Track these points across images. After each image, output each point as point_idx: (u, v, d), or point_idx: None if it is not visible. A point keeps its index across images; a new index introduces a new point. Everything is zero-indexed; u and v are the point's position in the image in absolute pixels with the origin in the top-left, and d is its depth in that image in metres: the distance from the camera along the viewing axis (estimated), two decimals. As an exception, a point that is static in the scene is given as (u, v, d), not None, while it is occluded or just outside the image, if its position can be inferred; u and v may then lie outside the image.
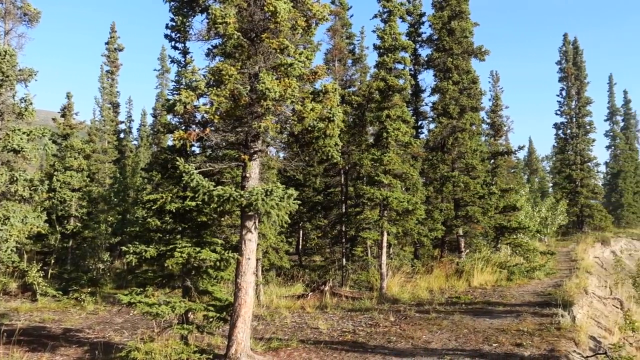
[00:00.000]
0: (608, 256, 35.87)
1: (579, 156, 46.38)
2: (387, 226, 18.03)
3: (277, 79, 9.59)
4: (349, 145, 22.60)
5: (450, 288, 18.96)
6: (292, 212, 10.23)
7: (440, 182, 22.79)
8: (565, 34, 48.17)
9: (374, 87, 19.10)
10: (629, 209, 58.15)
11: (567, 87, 47.23)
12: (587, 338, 11.75)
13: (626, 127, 66.02)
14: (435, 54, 24.25)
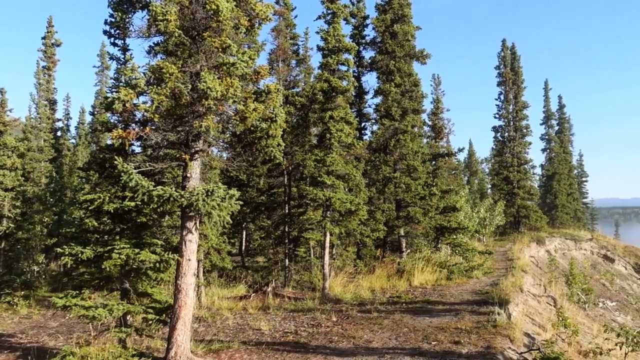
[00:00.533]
0: (543, 255, 37.12)
1: (516, 158, 47.76)
2: (330, 227, 18.12)
3: (219, 78, 9.49)
4: (292, 145, 22.61)
5: (392, 288, 19.20)
6: (234, 212, 10.15)
7: (382, 183, 23.06)
8: (504, 39, 49.56)
9: (317, 88, 19.15)
10: (563, 209, 60.28)
11: (505, 92, 48.61)
12: (521, 335, 12.11)
13: (560, 131, 68.41)
14: (378, 57, 24.53)
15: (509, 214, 45.26)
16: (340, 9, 19.41)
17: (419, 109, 24.70)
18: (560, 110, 69.37)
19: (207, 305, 16.99)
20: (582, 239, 47.83)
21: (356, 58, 26.17)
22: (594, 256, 45.82)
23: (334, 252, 22.51)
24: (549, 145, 63.54)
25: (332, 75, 18.89)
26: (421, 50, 24.66)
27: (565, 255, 41.41)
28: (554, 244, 42.22)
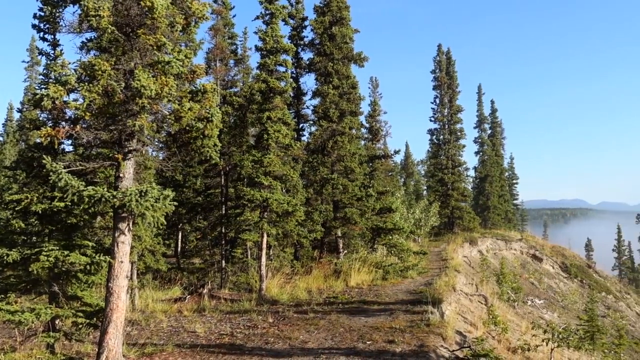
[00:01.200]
0: (475, 255, 38.13)
1: (451, 161, 48.90)
2: (267, 228, 18.06)
3: (153, 77, 9.32)
4: (229, 146, 22.43)
5: (329, 288, 19.32)
6: (169, 213, 9.99)
7: (320, 184, 23.16)
8: (439, 44, 50.73)
9: (255, 88, 19.06)
10: (495, 211, 62.12)
11: (441, 95, 49.73)
12: (454, 333, 12.41)
13: (493, 135, 70.47)
14: (317, 58, 24.63)
15: (443, 215, 46.31)
16: (279, 10, 19.39)
17: (356, 111, 24.92)
18: (493, 115, 71.45)
19: (141, 308, 16.64)
20: (513, 239, 49.44)
21: (294, 59, 26.21)
22: (524, 256, 47.43)
23: (271, 253, 22.45)
24: (481, 148, 65.35)
25: (270, 76, 18.85)
26: (359, 53, 24.91)
27: (496, 255, 42.67)
28: (486, 244, 43.45)
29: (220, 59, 25.28)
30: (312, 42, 26.28)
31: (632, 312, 46.01)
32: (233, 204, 23.63)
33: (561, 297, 40.36)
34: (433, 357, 10.21)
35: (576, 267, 49.77)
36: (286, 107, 19.97)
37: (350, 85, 24.48)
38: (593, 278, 49.78)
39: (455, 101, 49.76)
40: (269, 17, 19.38)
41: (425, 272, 22.69)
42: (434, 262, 26.89)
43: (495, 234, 49.34)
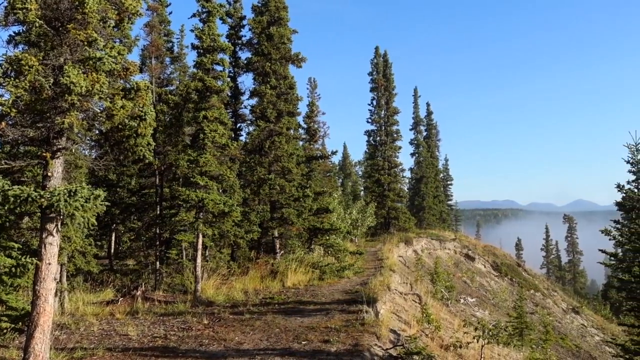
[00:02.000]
0: (411, 255, 38.82)
1: (387, 162, 49.66)
2: (202, 228, 17.84)
3: (84, 73, 9.05)
4: (165, 145, 22.06)
5: (265, 289, 19.26)
6: (100, 214, 9.72)
7: (257, 184, 23.08)
8: (377, 47, 51.39)
9: (191, 87, 18.80)
10: (430, 211, 63.45)
11: (378, 97, 50.42)
12: (388, 332, 12.60)
13: (428, 137, 71.99)
14: (255, 58, 24.52)
15: (380, 216, 46.94)
16: (216, 8, 19.19)
17: (294, 111, 24.95)
18: (428, 117, 72.99)
19: (71, 312, 16.12)
20: (447, 239, 50.59)
21: (232, 58, 26.03)
22: (457, 255, 48.61)
23: (208, 254, 22.21)
24: (417, 149, 66.59)
25: (207, 75, 18.63)
26: (297, 54, 24.95)
27: (431, 254, 43.55)
28: (421, 244, 44.30)
29: (156, 57, 24.84)
30: (250, 41, 26.17)
31: (558, 308, 47.87)
32: (168, 204, 23.24)
33: (492, 295, 41.58)
34: (367, 356, 10.34)
35: (506, 266, 51.38)
36: (223, 107, 19.80)
37: (288, 86, 24.48)
38: (522, 276, 51.52)
39: (392, 103, 50.57)
40: (205, 15, 19.15)
41: (362, 271, 22.94)
42: (370, 262, 27.21)
43: (430, 234, 50.36)
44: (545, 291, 50.99)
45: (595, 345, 41.27)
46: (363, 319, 12.96)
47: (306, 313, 14.60)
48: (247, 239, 22.14)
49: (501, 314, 35.70)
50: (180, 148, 21.44)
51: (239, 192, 21.64)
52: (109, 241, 30.56)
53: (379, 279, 19.77)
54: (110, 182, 25.91)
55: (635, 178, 21.63)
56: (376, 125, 50.90)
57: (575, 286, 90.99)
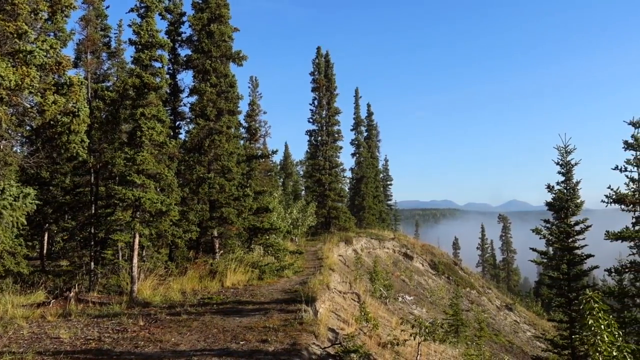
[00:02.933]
0: (350, 254, 39.11)
1: (328, 162, 49.92)
2: (139, 228, 17.47)
3: (13, 67, 8.72)
4: (100, 142, 21.50)
5: (204, 289, 19.03)
6: (31, 213, 9.39)
7: (196, 183, 22.77)
8: (319, 47, 51.51)
9: (129, 83, 18.36)
10: (369, 211, 64.15)
11: (319, 97, 50.59)
12: (326, 330, 12.66)
13: (369, 137, 72.75)
14: (195, 55, 24.19)
15: (320, 215, 47.11)
16: (155, 3, 18.80)
17: (234, 110, 24.74)
18: (369, 118, 73.74)
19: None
20: (386, 238, 51.24)
21: (171, 55, 25.58)
22: (396, 254, 49.31)
23: (145, 254, 21.75)
24: (358, 150, 67.19)
25: (145, 71, 18.24)
26: (238, 52, 24.75)
27: (370, 253, 44.02)
28: (361, 243, 44.71)
29: (92, 52, 24.15)
30: (190, 38, 25.78)
31: (492, 305, 49.25)
32: (104, 203, 22.63)
33: (430, 293, 42.40)
34: (305, 355, 10.36)
35: (444, 265, 52.51)
36: (161, 104, 19.41)
37: (228, 84, 24.26)
38: (459, 274, 52.76)
39: (333, 103, 50.84)
40: (144, 10, 18.74)
41: (301, 271, 22.98)
42: (310, 262, 27.26)
43: (369, 233, 50.89)
44: (480, 289, 52.37)
45: (527, 341, 42.69)
46: (301, 318, 12.98)
47: (245, 313, 14.51)
48: (185, 238, 21.81)
49: (438, 312, 36.45)
50: (117, 146, 20.93)
51: (177, 191, 21.28)
52: (40, 241, 29.49)
53: (319, 278, 19.83)
54: (42, 181, 25.02)
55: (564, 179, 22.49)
56: (317, 125, 51.08)
57: (509, 284, 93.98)
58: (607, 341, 7.53)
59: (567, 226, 22.25)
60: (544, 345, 24.88)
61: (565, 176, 22.51)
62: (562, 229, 22.30)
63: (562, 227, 22.37)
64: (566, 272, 21.95)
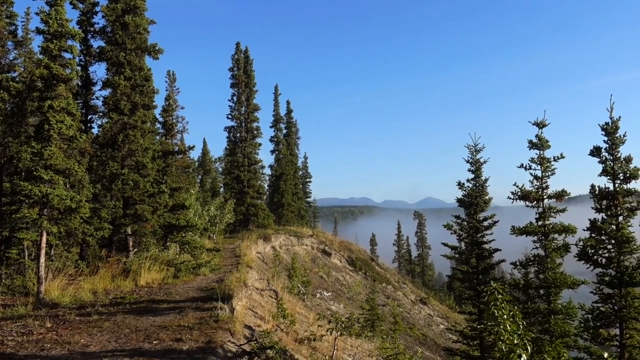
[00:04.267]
0: (269, 251, 39.09)
1: (247, 159, 49.67)
2: (47, 225, 16.70)
3: None
4: (5, 136, 20.39)
5: (116, 288, 18.48)
6: None
7: (109, 179, 22.05)
8: (238, 42, 51.13)
9: (36, 74, 17.50)
10: (288, 208, 64.33)
11: (238, 93, 50.24)
12: (242, 327, 12.59)
13: (288, 134, 72.88)
14: (108, 47, 23.39)
15: (239, 212, 46.83)
16: (65, -8, 18.03)
17: (150, 104, 24.10)
18: (288, 115, 73.89)
19: None
20: (304, 235, 51.54)
21: (83, 46, 24.61)
22: (314, 251, 49.69)
23: (53, 253, 20.85)
24: (277, 147, 67.20)
25: (54, 62, 17.44)
26: (153, 45, 24.14)
27: (289, 250, 44.14)
28: (279, 240, 44.76)
29: (-4, 40, 22.87)
30: (103, 29, 24.89)
31: (407, 300, 50.54)
32: (8, 200, 21.48)
33: (347, 289, 43.00)
34: (220, 352, 10.24)
35: (361, 261, 53.38)
36: (72, 97, 18.63)
37: (143, 77, 23.61)
38: (375, 270, 53.80)
39: (252, 100, 50.62)
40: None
41: (219, 269, 22.74)
42: (228, 259, 27.05)
43: (288, 230, 51.04)
44: (396, 284, 53.62)
45: (440, 333, 44.11)
46: (217, 316, 12.83)
47: (159, 312, 14.19)
48: (97, 236, 21.04)
49: (355, 307, 37.03)
50: (23, 139, 19.91)
51: (88, 187, 20.50)
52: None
53: (236, 275, 19.69)
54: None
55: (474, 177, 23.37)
56: (236, 122, 50.71)
57: (424, 278, 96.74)
58: (510, 330, 7.89)
59: (476, 222, 23.13)
60: (455, 337, 25.75)
61: (475, 174, 23.42)
62: (472, 225, 23.16)
63: (471, 222, 23.23)
64: (475, 266, 22.83)
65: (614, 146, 21.67)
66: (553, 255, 21.75)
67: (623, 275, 21.09)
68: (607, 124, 21.80)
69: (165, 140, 29.25)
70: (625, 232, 21.18)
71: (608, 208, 21.75)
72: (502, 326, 7.87)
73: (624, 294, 20.98)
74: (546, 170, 22.26)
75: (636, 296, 21.02)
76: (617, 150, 21.68)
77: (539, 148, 22.38)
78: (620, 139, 21.65)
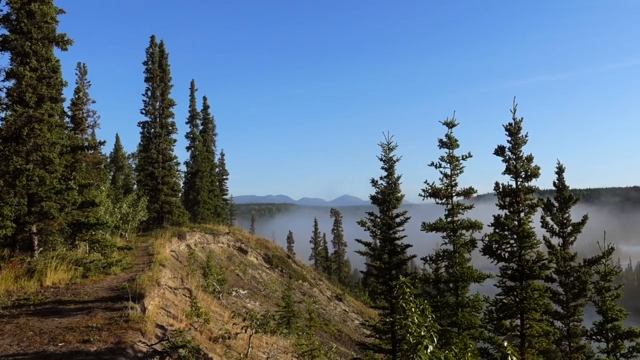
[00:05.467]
0: (184, 249, 38.46)
1: (162, 155, 48.61)
2: (-58, 224, 15.73)
3: None
4: None
5: (20, 289, 17.60)
6: None
7: (12, 175, 20.94)
8: (153, 36, 49.90)
9: None
10: (204, 205, 63.50)
11: (153, 88, 49.05)
12: (154, 327, 12.32)
13: (205, 131, 71.87)
14: (12, 36, 22.19)
15: (153, 210, 45.78)
16: (-36, -24, 17.00)
17: (58, 97, 23.08)
18: (205, 111, 72.83)
19: None
20: (221, 232, 51.05)
21: (-16, 34, 23.28)
22: (230, 249, 49.33)
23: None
24: (193, 143, 66.15)
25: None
26: (62, 35, 23.14)
27: (204, 248, 43.59)
28: (195, 238, 44.12)
29: None
30: (7, 17, 23.55)
31: (323, 296, 51.10)
32: None
33: (263, 287, 42.97)
34: (130, 353, 9.99)
35: (277, 258, 53.45)
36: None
37: (51, 69, 22.58)
38: (292, 267, 54.03)
39: (167, 95, 49.58)
40: (-51, -17, 16.85)
41: (131, 267, 22.16)
42: (141, 258, 26.40)
43: (204, 228, 50.40)
44: (312, 281, 54.06)
45: (355, 328, 44.87)
46: (128, 316, 12.50)
47: (66, 313, 13.65)
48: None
49: (271, 304, 37.04)
50: None
51: (-10, 183, 19.45)
52: None
53: (148, 274, 19.24)
54: None
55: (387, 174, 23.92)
56: (151, 117, 49.49)
57: (340, 275, 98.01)
58: (417, 323, 8.16)
59: (388, 218, 23.69)
60: (368, 332, 26.28)
61: (388, 171, 23.99)
62: (384, 221, 23.70)
63: (384, 219, 23.78)
64: (388, 262, 23.38)
65: (517, 146, 22.86)
66: (461, 250, 22.64)
67: (524, 268, 22.25)
68: (511, 125, 22.96)
69: (75, 135, 28.16)
70: (526, 228, 22.38)
71: (511, 205, 22.91)
72: (410, 319, 8.13)
73: (525, 287, 22.15)
74: (455, 168, 23.15)
75: (536, 288, 22.25)
76: (519, 150, 22.89)
77: (448, 147, 23.23)
78: (522, 139, 22.85)
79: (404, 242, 23.96)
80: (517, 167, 22.74)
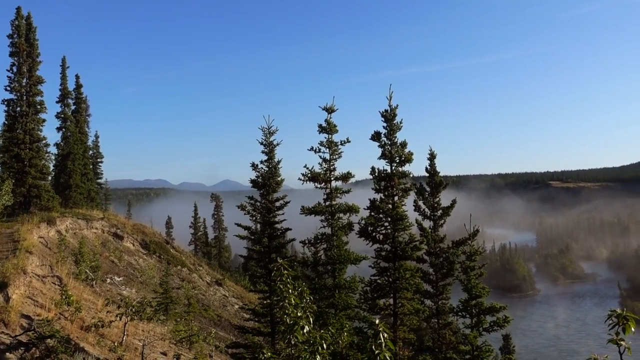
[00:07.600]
0: (54, 236, 36.47)
1: (29, 135, 45.70)
2: None
3: None
4: None
5: None
6: None
7: None
8: (19, 7, 46.48)
9: None
10: (77, 189, 60.44)
11: (19, 64, 45.85)
12: (19, 317, 11.68)
13: (77, 111, 68.15)
14: None
15: (19, 194, 42.99)
16: None
17: None
18: (78, 90, 68.99)
19: None
20: (94, 218, 48.89)
21: None
22: (105, 234, 47.42)
23: None
24: (64, 124, 62.67)
25: None
26: None
27: (76, 234, 41.59)
28: (66, 223, 41.94)
29: None
30: None
31: (203, 282, 50.61)
32: None
33: (140, 273, 41.82)
34: (-9, 345, 9.42)
35: (155, 244, 52.13)
36: None
37: None
38: (170, 253, 52.94)
39: (35, 71, 46.51)
40: None
41: (-7, 255, 20.75)
42: (5, 245, 24.78)
43: (76, 213, 48.01)
44: (191, 266, 53.31)
45: (235, 313, 44.88)
46: (-11, 306, 11.76)
47: None
48: None
49: (148, 291, 36.15)
50: None
51: None
52: None
53: (13, 262, 18.09)
54: None
55: (267, 158, 24.04)
56: (16, 95, 46.22)
57: (221, 260, 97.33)
58: (294, 304, 8.34)
59: (268, 202, 23.85)
60: (248, 315, 26.37)
61: (268, 155, 24.08)
62: (264, 205, 23.84)
63: (264, 203, 23.91)
64: (267, 245, 23.59)
65: (392, 132, 23.77)
66: (339, 233, 23.28)
67: (397, 250, 23.29)
68: (387, 111, 23.80)
69: None
70: (399, 211, 23.41)
71: (386, 189, 23.83)
72: (287, 300, 8.28)
73: (397, 267, 23.21)
74: (334, 153, 23.69)
75: (408, 268, 23.38)
76: (394, 136, 23.82)
77: (327, 132, 23.71)
78: (397, 125, 23.80)
79: (284, 226, 24.23)
80: (392, 153, 23.66)
